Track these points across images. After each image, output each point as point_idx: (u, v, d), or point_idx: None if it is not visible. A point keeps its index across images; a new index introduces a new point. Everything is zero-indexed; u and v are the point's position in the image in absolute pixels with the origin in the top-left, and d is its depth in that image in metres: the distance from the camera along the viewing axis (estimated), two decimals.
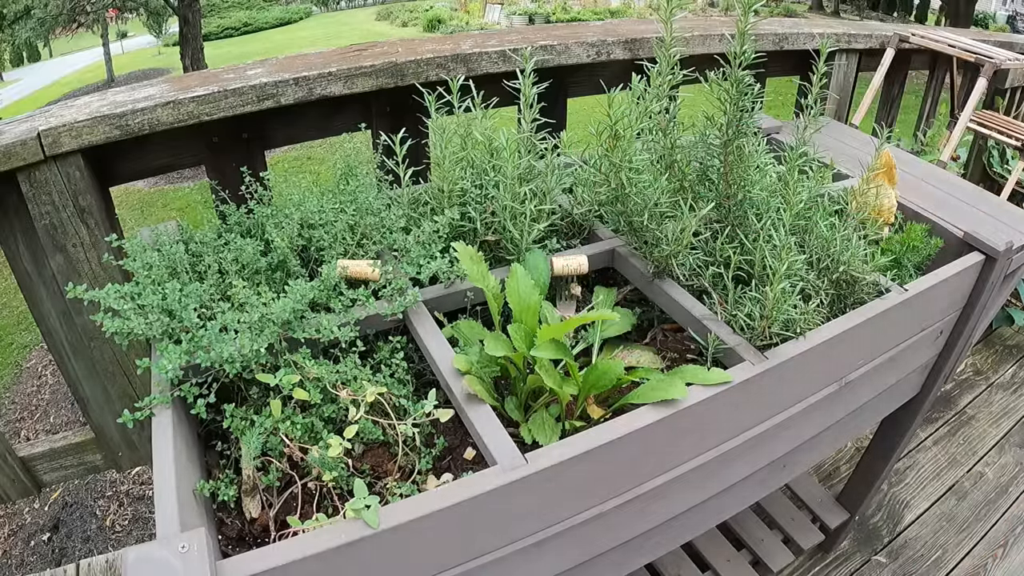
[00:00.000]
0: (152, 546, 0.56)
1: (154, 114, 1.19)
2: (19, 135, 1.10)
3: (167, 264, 0.87)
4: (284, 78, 1.28)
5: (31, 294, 1.29)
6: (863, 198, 1.02)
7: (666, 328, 0.99)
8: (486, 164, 1.05)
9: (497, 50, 1.47)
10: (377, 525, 0.60)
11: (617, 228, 1.08)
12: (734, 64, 0.87)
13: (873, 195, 1.05)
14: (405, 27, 19.09)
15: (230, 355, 0.73)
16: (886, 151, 1.08)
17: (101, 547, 2.50)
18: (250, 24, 21.62)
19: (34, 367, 3.97)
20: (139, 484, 2.77)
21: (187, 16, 8.75)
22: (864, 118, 2.31)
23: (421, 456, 0.77)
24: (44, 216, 1.17)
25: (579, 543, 0.79)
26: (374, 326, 0.88)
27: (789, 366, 0.84)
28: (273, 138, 1.40)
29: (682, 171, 0.97)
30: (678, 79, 0.92)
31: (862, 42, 2.10)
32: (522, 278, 0.83)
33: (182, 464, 0.68)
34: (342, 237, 0.95)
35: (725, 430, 0.86)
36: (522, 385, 0.81)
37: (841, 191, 1.09)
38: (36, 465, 1.44)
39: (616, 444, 0.72)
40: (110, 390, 1.40)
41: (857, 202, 1.01)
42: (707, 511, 0.95)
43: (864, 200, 1.02)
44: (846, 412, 1.04)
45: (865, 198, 1.03)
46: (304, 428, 0.75)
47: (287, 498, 0.74)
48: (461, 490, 0.65)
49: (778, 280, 0.82)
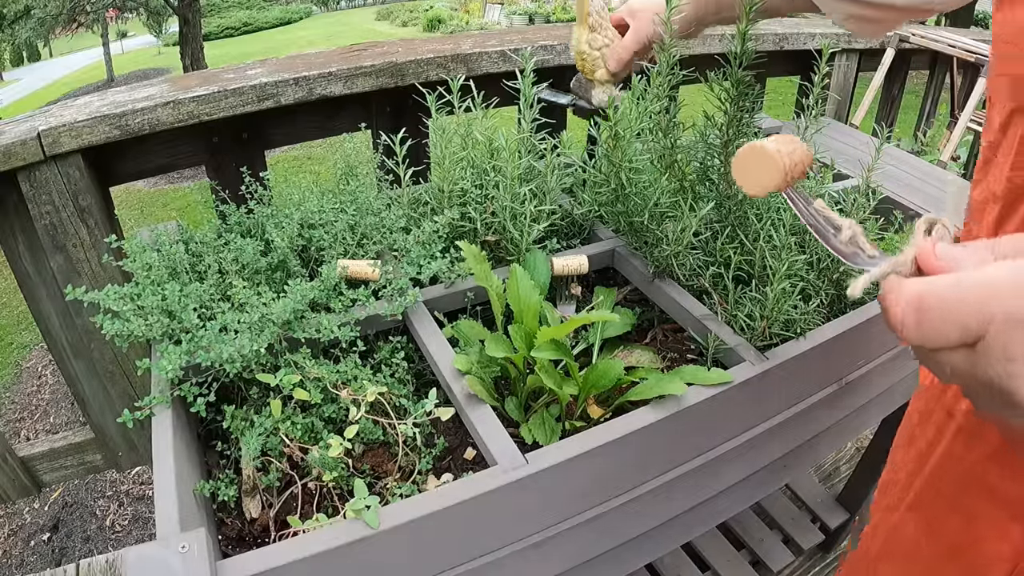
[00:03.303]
0: (152, 546, 0.56)
1: (154, 114, 1.19)
2: (19, 135, 1.10)
3: (167, 264, 0.87)
4: (284, 78, 1.28)
5: (31, 294, 1.29)
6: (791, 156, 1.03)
7: (666, 328, 0.99)
8: (486, 164, 1.05)
9: (497, 50, 1.47)
10: (377, 525, 0.61)
11: (617, 228, 1.08)
12: (734, 64, 0.87)
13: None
14: (405, 27, 19.10)
15: (230, 355, 0.73)
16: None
17: (101, 547, 2.50)
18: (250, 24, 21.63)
19: (34, 367, 3.97)
20: (139, 484, 2.77)
21: (187, 16, 8.76)
22: (864, 118, 2.31)
23: (421, 456, 0.77)
24: (44, 216, 1.17)
25: (579, 543, 0.79)
26: (374, 326, 0.88)
27: (789, 366, 0.84)
28: (273, 138, 1.40)
29: (682, 171, 0.97)
30: (678, 79, 0.92)
31: (862, 42, 2.10)
32: (522, 278, 0.83)
33: (182, 464, 0.68)
34: (342, 237, 0.95)
35: (725, 430, 0.86)
36: (522, 385, 0.81)
37: (840, 190, 1.09)
38: (36, 465, 1.44)
39: (616, 444, 0.72)
40: (110, 390, 1.40)
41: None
42: (707, 511, 0.95)
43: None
44: (846, 412, 1.04)
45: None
46: (304, 428, 0.75)
47: (287, 498, 0.74)
48: (461, 490, 0.65)
49: (778, 280, 0.82)
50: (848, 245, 0.46)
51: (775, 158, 0.53)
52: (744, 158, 0.55)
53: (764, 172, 0.53)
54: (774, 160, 0.53)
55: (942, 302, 0.33)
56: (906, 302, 0.35)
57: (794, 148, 0.54)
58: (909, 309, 0.35)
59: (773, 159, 0.53)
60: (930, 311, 0.34)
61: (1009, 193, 0.50)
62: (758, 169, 0.54)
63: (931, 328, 0.34)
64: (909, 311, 0.35)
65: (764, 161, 0.53)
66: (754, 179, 0.54)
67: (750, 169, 0.54)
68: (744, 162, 0.55)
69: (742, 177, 0.55)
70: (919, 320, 0.34)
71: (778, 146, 0.53)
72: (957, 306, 0.33)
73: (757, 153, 0.54)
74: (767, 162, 0.53)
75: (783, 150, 0.53)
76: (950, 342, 0.33)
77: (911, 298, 0.35)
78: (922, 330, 0.34)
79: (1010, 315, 0.31)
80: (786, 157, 0.53)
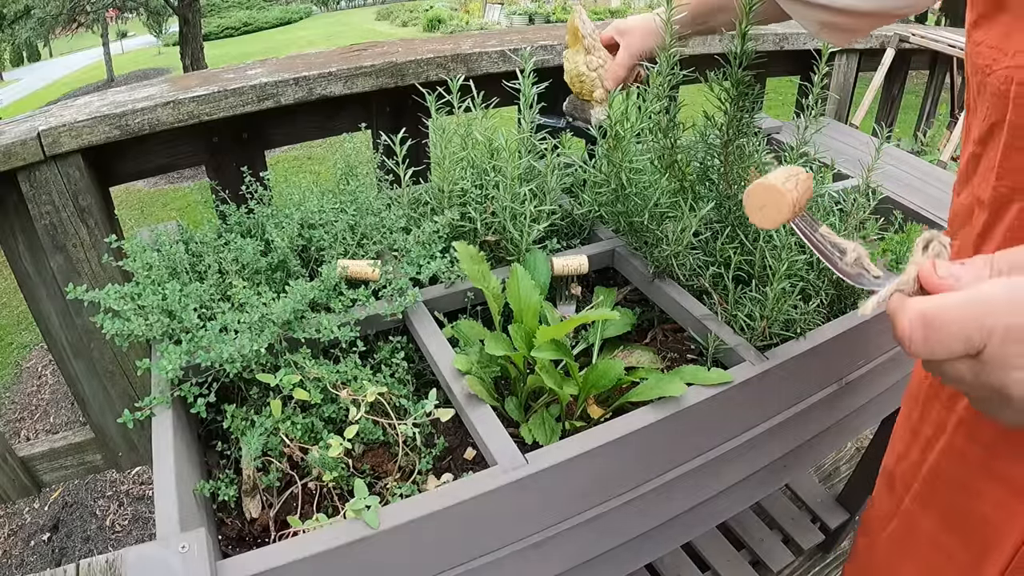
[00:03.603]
0: (152, 546, 0.56)
1: (154, 114, 1.19)
2: (19, 135, 1.10)
3: (167, 264, 0.87)
4: (284, 78, 1.28)
5: (31, 294, 1.29)
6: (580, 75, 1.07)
7: (666, 328, 0.99)
8: (486, 164, 1.05)
9: (497, 50, 1.47)
10: (377, 525, 0.61)
11: (617, 228, 1.08)
12: (734, 64, 0.87)
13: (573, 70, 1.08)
14: (405, 27, 19.11)
15: (230, 355, 0.73)
16: (570, 17, 1.09)
17: (101, 547, 2.50)
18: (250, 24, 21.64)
19: (34, 367, 3.97)
20: (139, 484, 2.77)
21: (187, 16, 8.76)
22: (864, 118, 2.31)
23: (421, 456, 0.77)
24: (44, 216, 1.17)
25: (579, 543, 0.79)
26: (374, 326, 0.88)
27: (789, 366, 0.84)
28: (273, 138, 1.41)
29: (682, 171, 0.97)
30: (678, 79, 0.92)
31: (862, 42, 2.10)
32: (522, 278, 0.83)
33: (182, 464, 0.68)
34: (342, 237, 0.95)
35: (725, 430, 0.86)
36: (522, 385, 0.81)
37: (840, 190, 1.09)
38: (36, 465, 1.44)
39: (616, 444, 0.72)
40: (110, 390, 1.40)
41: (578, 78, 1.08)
42: (707, 511, 0.95)
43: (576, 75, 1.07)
44: (846, 412, 1.04)
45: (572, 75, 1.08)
46: (304, 428, 0.75)
47: (287, 498, 0.74)
48: (461, 490, 0.65)
49: (778, 280, 0.82)
50: (853, 267, 0.49)
51: (784, 194, 0.55)
52: (755, 196, 0.57)
53: (774, 207, 0.56)
54: (783, 196, 0.55)
55: (945, 319, 0.37)
56: (911, 320, 0.38)
57: (799, 180, 0.57)
58: (916, 326, 0.38)
59: (783, 195, 0.55)
60: (935, 328, 0.37)
61: (995, 201, 0.53)
62: (769, 204, 0.56)
63: (937, 343, 0.37)
64: (916, 328, 0.38)
65: (774, 197, 0.56)
66: (766, 214, 0.57)
67: (762, 205, 0.57)
68: (755, 199, 0.57)
69: (754, 213, 0.58)
70: (925, 336, 0.38)
71: (786, 180, 0.56)
72: (960, 322, 0.36)
73: (768, 190, 0.56)
74: (777, 198, 0.56)
75: (790, 184, 0.56)
76: (954, 354, 0.37)
77: (915, 316, 0.38)
78: (929, 345, 0.38)
79: (1009, 329, 0.35)
80: (794, 191, 0.55)
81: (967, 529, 0.59)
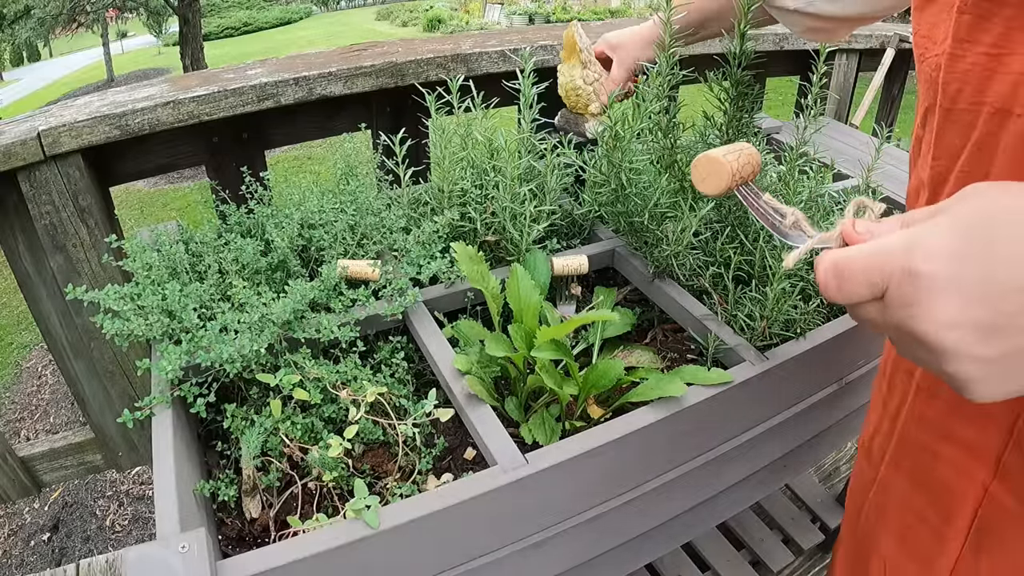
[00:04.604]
0: (152, 546, 0.56)
1: (154, 114, 1.19)
2: (19, 135, 1.10)
3: (167, 264, 0.87)
4: (284, 78, 1.28)
5: (31, 294, 1.29)
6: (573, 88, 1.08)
7: (666, 328, 0.99)
8: (486, 164, 1.05)
9: (497, 50, 1.47)
10: (377, 525, 0.61)
11: (617, 228, 1.08)
12: (734, 64, 0.87)
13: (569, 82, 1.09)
14: (405, 27, 19.12)
15: (230, 355, 0.73)
16: (567, 31, 1.10)
17: (101, 547, 2.50)
18: (250, 24, 21.65)
19: (34, 367, 3.97)
20: (139, 484, 2.77)
21: (187, 16, 8.76)
22: (864, 118, 2.31)
23: (421, 456, 0.77)
24: (44, 216, 1.17)
25: (579, 543, 0.79)
26: (374, 326, 0.88)
27: (789, 366, 0.84)
28: (273, 138, 1.41)
29: (682, 171, 0.97)
30: (678, 79, 0.92)
31: (862, 42, 2.10)
32: (522, 278, 0.83)
33: (182, 464, 0.68)
34: (342, 237, 0.95)
35: (725, 430, 0.86)
36: (522, 385, 0.81)
37: (840, 190, 1.09)
38: (36, 465, 1.44)
39: (616, 444, 0.72)
40: (110, 390, 1.40)
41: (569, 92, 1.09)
42: (707, 511, 0.95)
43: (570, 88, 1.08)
44: (846, 412, 1.04)
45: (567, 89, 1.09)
46: (304, 428, 0.75)
47: (287, 498, 0.74)
48: (461, 490, 0.65)
49: (778, 280, 0.82)
50: (792, 228, 0.53)
51: (724, 164, 0.62)
52: (700, 167, 0.65)
53: (716, 176, 0.63)
54: (723, 166, 0.62)
55: (852, 266, 0.41)
56: (825, 269, 0.42)
57: (742, 152, 0.64)
58: (829, 275, 0.42)
59: (722, 164, 0.62)
60: (844, 276, 0.41)
61: (932, 180, 0.57)
62: (712, 174, 0.63)
63: (847, 289, 0.41)
64: (830, 276, 0.42)
65: (716, 167, 0.63)
66: (709, 183, 0.64)
67: (705, 175, 0.64)
68: (700, 170, 0.65)
69: (699, 183, 0.65)
70: (839, 284, 0.42)
71: (727, 153, 0.63)
72: (865, 270, 0.40)
73: (711, 161, 0.63)
74: (718, 167, 0.63)
75: (731, 156, 0.63)
76: (863, 297, 0.41)
77: (829, 266, 0.42)
78: (841, 291, 0.42)
79: (904, 270, 0.38)
80: (734, 161, 0.62)
81: (933, 489, 0.62)
